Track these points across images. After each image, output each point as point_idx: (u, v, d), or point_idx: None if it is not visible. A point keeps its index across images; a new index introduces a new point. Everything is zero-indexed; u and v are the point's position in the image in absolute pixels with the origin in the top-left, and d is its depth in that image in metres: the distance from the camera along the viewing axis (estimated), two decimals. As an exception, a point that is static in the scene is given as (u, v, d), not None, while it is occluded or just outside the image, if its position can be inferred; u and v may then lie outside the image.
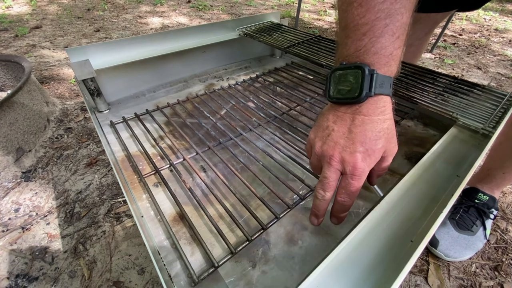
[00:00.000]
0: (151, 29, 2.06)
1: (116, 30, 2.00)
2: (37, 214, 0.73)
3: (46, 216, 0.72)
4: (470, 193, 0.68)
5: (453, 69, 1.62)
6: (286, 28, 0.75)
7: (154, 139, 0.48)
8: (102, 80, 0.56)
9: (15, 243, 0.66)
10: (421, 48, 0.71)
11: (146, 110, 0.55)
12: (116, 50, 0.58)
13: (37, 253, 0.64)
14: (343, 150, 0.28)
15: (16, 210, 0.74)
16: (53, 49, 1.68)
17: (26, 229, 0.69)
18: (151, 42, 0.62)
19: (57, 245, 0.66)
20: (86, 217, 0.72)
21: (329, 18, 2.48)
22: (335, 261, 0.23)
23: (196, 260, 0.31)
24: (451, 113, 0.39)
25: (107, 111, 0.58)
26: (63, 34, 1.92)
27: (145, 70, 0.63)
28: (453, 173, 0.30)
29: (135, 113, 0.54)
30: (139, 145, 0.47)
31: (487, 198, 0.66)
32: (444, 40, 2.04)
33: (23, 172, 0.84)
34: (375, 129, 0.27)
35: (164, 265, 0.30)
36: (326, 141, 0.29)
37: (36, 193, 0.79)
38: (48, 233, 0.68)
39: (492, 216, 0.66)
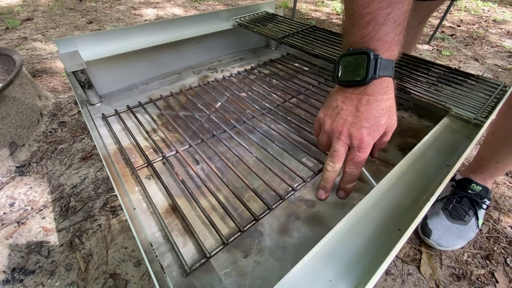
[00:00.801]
0: (145, 20, 2.02)
1: (110, 22, 1.95)
2: (32, 208, 0.73)
3: (41, 210, 0.72)
4: (463, 183, 0.69)
5: (450, 61, 1.61)
6: (281, 18, 0.74)
7: (147, 132, 0.47)
8: (93, 72, 0.55)
9: (11, 237, 0.66)
10: (415, 37, 0.71)
11: (139, 102, 0.55)
12: (107, 41, 0.56)
13: (33, 247, 0.64)
14: (351, 126, 0.31)
15: (11, 205, 0.74)
16: (45, 42, 1.65)
17: (22, 223, 0.69)
18: (143, 33, 0.60)
19: (53, 238, 0.66)
20: (81, 211, 0.72)
21: (326, 9, 2.44)
22: (324, 248, 0.23)
23: (188, 251, 0.31)
24: (444, 103, 0.39)
25: (99, 103, 0.57)
26: (55, 26, 1.88)
27: (137, 61, 0.62)
28: (443, 163, 0.30)
29: (128, 106, 0.53)
30: (131, 138, 0.46)
31: (480, 188, 0.67)
32: (442, 32, 2.03)
33: (17, 167, 0.84)
34: (379, 107, 0.31)
35: (156, 256, 0.30)
36: (335, 119, 0.32)
37: (31, 187, 0.78)
38: (43, 227, 0.68)
39: (484, 206, 0.67)
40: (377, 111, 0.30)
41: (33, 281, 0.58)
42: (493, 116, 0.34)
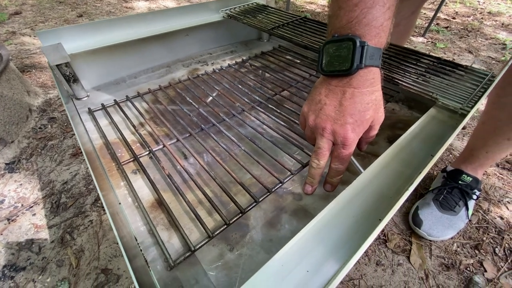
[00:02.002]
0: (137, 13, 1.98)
1: (100, 15, 1.91)
2: (22, 205, 0.72)
3: (32, 207, 0.71)
4: (454, 174, 0.69)
5: (445, 53, 1.61)
6: (272, 9, 0.72)
7: (134, 126, 0.46)
8: (78, 65, 0.54)
9: (1, 234, 0.65)
10: (408, 27, 0.70)
11: (126, 96, 0.54)
12: (93, 33, 0.55)
13: (23, 244, 0.63)
14: (334, 122, 0.30)
15: (1, 202, 0.73)
16: (34, 36, 1.61)
17: (12, 221, 0.68)
18: (131, 25, 0.59)
19: (43, 235, 0.65)
20: (72, 207, 0.71)
21: (322, 1, 2.41)
22: (305, 237, 0.23)
23: (173, 245, 0.31)
24: (431, 94, 0.38)
25: (86, 98, 0.56)
26: (44, 20, 1.83)
27: (125, 54, 0.61)
28: (428, 153, 0.30)
29: (115, 100, 0.53)
30: (118, 132, 0.46)
31: (471, 179, 0.67)
32: (437, 24, 2.02)
33: (6, 164, 0.82)
34: (364, 101, 0.29)
35: (141, 250, 0.30)
36: (318, 115, 0.31)
37: (20, 184, 0.77)
38: (34, 224, 0.68)
39: (474, 197, 0.68)
40: (362, 105, 0.29)
41: (24, 278, 0.58)
42: (478, 106, 0.34)
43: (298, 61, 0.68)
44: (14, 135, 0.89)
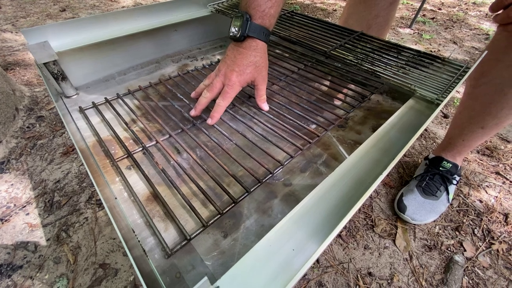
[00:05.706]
0: (123, 7, 1.93)
1: (84, 9, 1.85)
2: (15, 205, 0.72)
3: (25, 206, 0.71)
4: (435, 161, 0.73)
5: (430, 44, 1.65)
6: (260, 4, 0.73)
7: (126, 123, 0.47)
8: (66, 63, 0.54)
9: (-5, 234, 0.65)
10: (388, 18, 0.71)
11: (117, 94, 0.54)
12: (80, 30, 0.55)
13: (19, 243, 0.64)
14: (227, 68, 0.44)
15: (-8, 203, 0.72)
16: (16, 32, 1.56)
17: (5, 221, 0.68)
18: (117, 21, 0.59)
19: (39, 234, 0.66)
20: (66, 205, 0.71)
21: (310, -7, 2.40)
22: (291, 220, 0.24)
23: (169, 235, 0.33)
24: (409, 85, 0.41)
25: (75, 96, 0.56)
26: (25, 15, 1.77)
27: (113, 51, 0.61)
28: (405, 142, 0.32)
29: (106, 98, 0.53)
30: (110, 130, 0.46)
31: (450, 165, 0.71)
32: (424, 15, 2.05)
33: (-5, 164, 0.81)
34: (247, 59, 0.43)
35: (139, 241, 0.31)
36: (222, 61, 0.45)
37: (12, 184, 0.77)
38: (28, 223, 0.68)
39: (454, 182, 0.72)
40: (246, 62, 0.42)
41: (21, 276, 0.58)
42: (450, 95, 0.37)
43: (287, 55, 0.69)
44: (2, 135, 0.87)
